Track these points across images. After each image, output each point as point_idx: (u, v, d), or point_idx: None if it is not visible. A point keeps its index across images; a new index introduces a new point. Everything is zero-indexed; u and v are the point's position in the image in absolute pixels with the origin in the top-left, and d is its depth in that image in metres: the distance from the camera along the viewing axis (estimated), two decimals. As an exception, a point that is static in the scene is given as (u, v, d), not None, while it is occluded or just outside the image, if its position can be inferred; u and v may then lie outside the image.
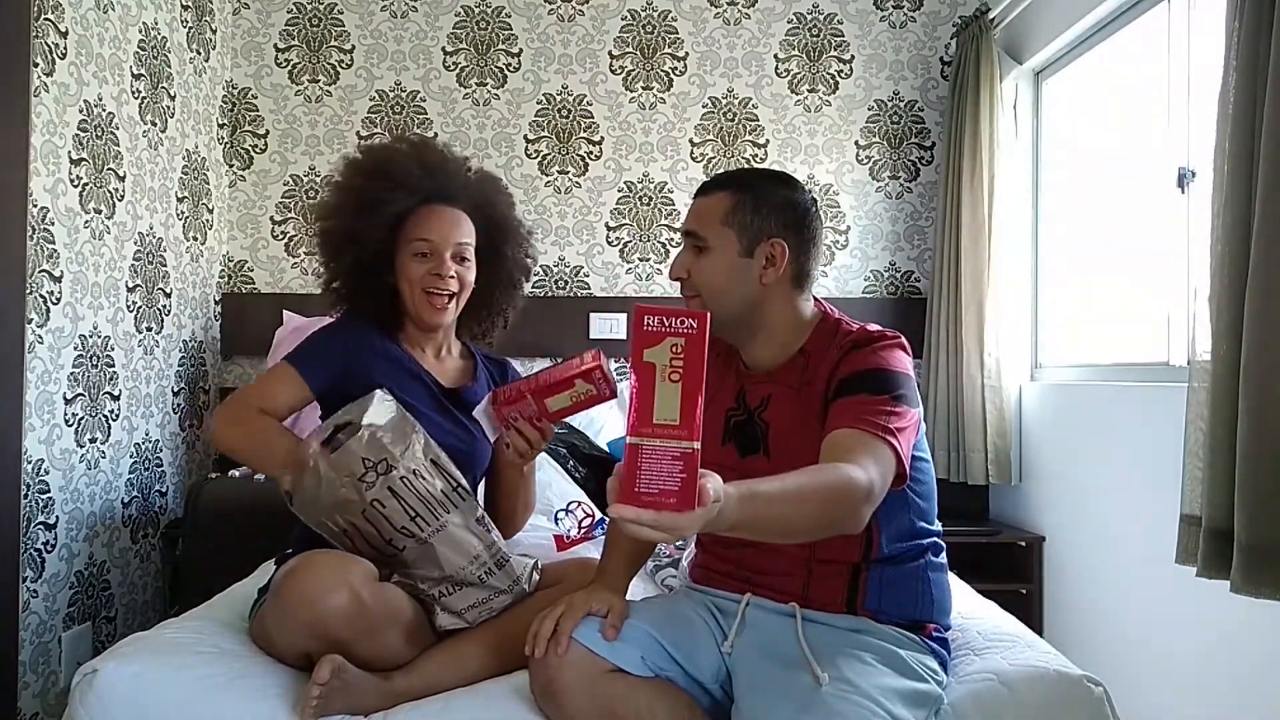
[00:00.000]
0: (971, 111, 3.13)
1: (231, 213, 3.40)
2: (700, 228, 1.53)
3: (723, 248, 1.50)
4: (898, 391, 1.40)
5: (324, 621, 1.39)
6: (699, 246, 1.53)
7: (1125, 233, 2.83)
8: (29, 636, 2.25)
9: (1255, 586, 1.71)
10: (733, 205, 1.51)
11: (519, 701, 1.43)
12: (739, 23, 3.48)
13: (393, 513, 1.51)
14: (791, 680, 1.35)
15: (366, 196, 1.78)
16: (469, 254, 1.80)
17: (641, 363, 1.00)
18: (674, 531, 1.01)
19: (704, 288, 1.52)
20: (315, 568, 1.43)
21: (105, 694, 1.38)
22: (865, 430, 1.33)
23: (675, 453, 0.99)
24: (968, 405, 3.10)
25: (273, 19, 3.41)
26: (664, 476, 0.99)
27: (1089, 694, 1.42)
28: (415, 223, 1.78)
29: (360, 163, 1.85)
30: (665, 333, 1.01)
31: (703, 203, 1.55)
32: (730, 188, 1.53)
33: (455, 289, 1.78)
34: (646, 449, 0.99)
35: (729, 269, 1.50)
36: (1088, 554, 2.74)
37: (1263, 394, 1.70)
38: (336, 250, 1.82)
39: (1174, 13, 2.48)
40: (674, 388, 1.00)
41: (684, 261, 1.55)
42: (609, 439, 3.03)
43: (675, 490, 0.99)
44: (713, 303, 1.50)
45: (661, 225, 3.47)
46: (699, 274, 1.53)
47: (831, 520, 1.24)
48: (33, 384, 2.23)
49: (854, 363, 1.45)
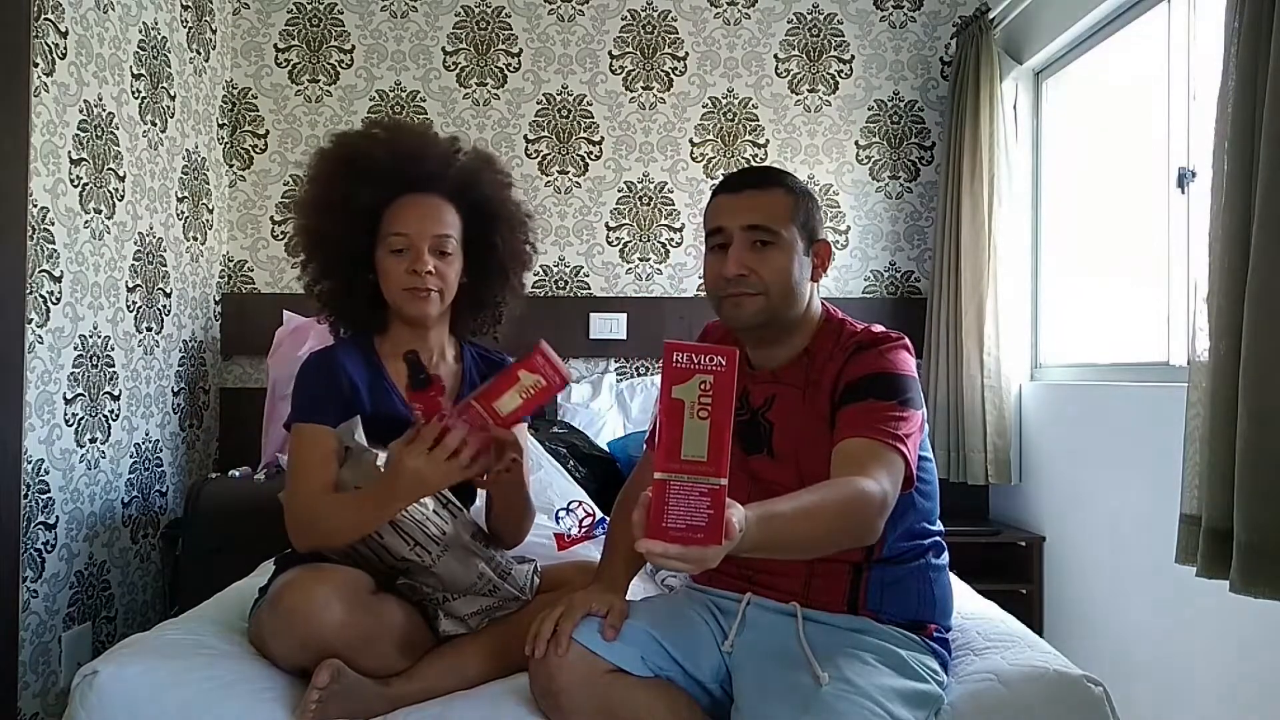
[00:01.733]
0: (971, 111, 3.13)
1: (231, 213, 3.40)
2: (771, 222, 1.47)
3: (793, 244, 1.48)
4: (904, 395, 1.41)
5: (318, 637, 1.40)
6: (765, 241, 1.47)
7: (1125, 233, 2.83)
8: (29, 636, 2.24)
9: (1255, 586, 1.71)
10: (795, 202, 1.50)
11: (519, 703, 1.43)
12: (739, 23, 3.48)
13: (392, 544, 1.51)
14: (792, 680, 1.35)
15: (331, 191, 1.65)
16: (449, 246, 1.64)
17: (670, 399, 1.02)
18: (700, 564, 1.02)
19: (775, 285, 1.47)
20: (309, 583, 1.42)
21: (105, 696, 1.38)
22: (875, 439, 1.35)
23: (703, 489, 1.00)
24: (968, 405, 3.10)
25: (273, 19, 3.41)
26: (691, 512, 1.00)
27: (1089, 694, 1.42)
28: (390, 216, 1.63)
29: (327, 153, 1.71)
30: (695, 370, 1.02)
31: (764, 197, 1.49)
32: (783, 184, 1.51)
33: (436, 285, 1.62)
34: (674, 485, 1.00)
35: (799, 267, 1.49)
36: (1088, 554, 2.74)
37: (1262, 393, 1.70)
38: (310, 251, 1.71)
39: (1174, 13, 2.48)
40: (702, 424, 1.01)
41: (745, 257, 1.47)
42: (609, 439, 3.03)
43: (702, 526, 1.00)
44: (780, 300, 1.47)
45: (661, 225, 3.46)
46: (770, 271, 1.47)
47: (847, 533, 1.27)
48: (33, 384, 2.23)
49: (860, 366, 1.44)
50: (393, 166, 1.65)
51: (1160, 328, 2.52)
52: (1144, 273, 2.67)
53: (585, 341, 3.39)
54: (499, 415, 1.44)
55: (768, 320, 1.49)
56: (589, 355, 3.43)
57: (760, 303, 1.47)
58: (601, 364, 3.45)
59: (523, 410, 1.45)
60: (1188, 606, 2.22)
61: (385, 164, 1.65)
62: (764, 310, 1.48)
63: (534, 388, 1.42)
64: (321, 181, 1.69)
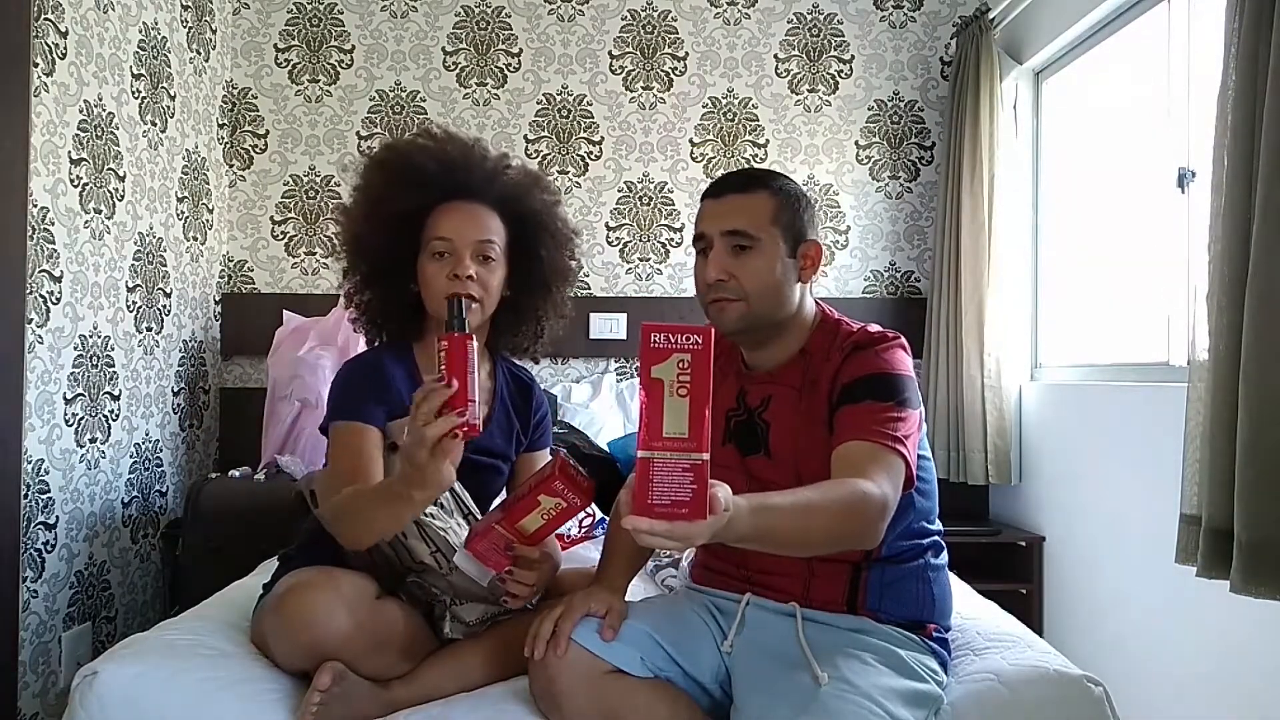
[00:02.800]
0: (971, 111, 3.13)
1: (231, 213, 3.40)
2: (750, 226, 1.47)
3: (773, 247, 1.47)
4: (901, 396, 1.41)
5: (322, 644, 1.40)
6: (744, 246, 1.47)
7: (1125, 233, 2.83)
8: (29, 636, 2.25)
9: (1255, 586, 1.71)
10: (778, 205, 1.49)
11: (518, 704, 1.43)
12: (739, 23, 3.48)
13: (414, 546, 1.50)
14: (791, 680, 1.35)
15: (374, 195, 1.65)
16: (493, 253, 1.61)
17: (650, 379, 1.04)
18: (687, 540, 1.04)
19: (754, 289, 1.46)
20: (314, 590, 1.42)
21: (105, 696, 1.38)
22: (875, 442, 1.35)
23: (685, 465, 1.02)
24: (968, 405, 3.10)
25: (273, 19, 3.41)
26: (675, 488, 1.02)
27: (1089, 694, 1.42)
28: (433, 221, 1.62)
29: (374, 160, 1.71)
30: (672, 349, 1.04)
31: (743, 201, 1.49)
32: (768, 186, 1.50)
33: (477, 292, 1.58)
34: (657, 462, 1.02)
35: (781, 269, 1.48)
36: (1088, 554, 2.74)
37: (1262, 393, 1.70)
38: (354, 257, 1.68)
39: (1174, 13, 2.48)
40: (682, 402, 1.03)
41: (724, 263, 1.47)
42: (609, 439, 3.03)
43: (687, 501, 1.02)
44: (760, 304, 1.47)
45: (661, 225, 3.46)
46: (748, 275, 1.46)
47: (847, 534, 1.27)
48: (33, 384, 2.23)
49: (857, 366, 1.44)
50: (439, 173, 1.64)
51: (1160, 328, 2.52)
52: (1144, 273, 2.67)
53: (585, 341, 3.39)
54: (524, 535, 1.40)
55: (751, 325, 1.49)
56: (589, 355, 3.43)
57: (741, 308, 1.47)
58: (601, 364, 3.45)
59: (547, 530, 1.40)
60: (1188, 606, 2.22)
61: (432, 170, 1.64)
62: (745, 315, 1.48)
63: (555, 509, 1.38)
64: (367, 188, 1.67)
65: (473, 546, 1.42)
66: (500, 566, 1.43)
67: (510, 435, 1.73)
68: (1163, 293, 2.51)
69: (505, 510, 1.41)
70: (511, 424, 1.74)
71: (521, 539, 1.41)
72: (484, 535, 1.41)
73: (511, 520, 1.39)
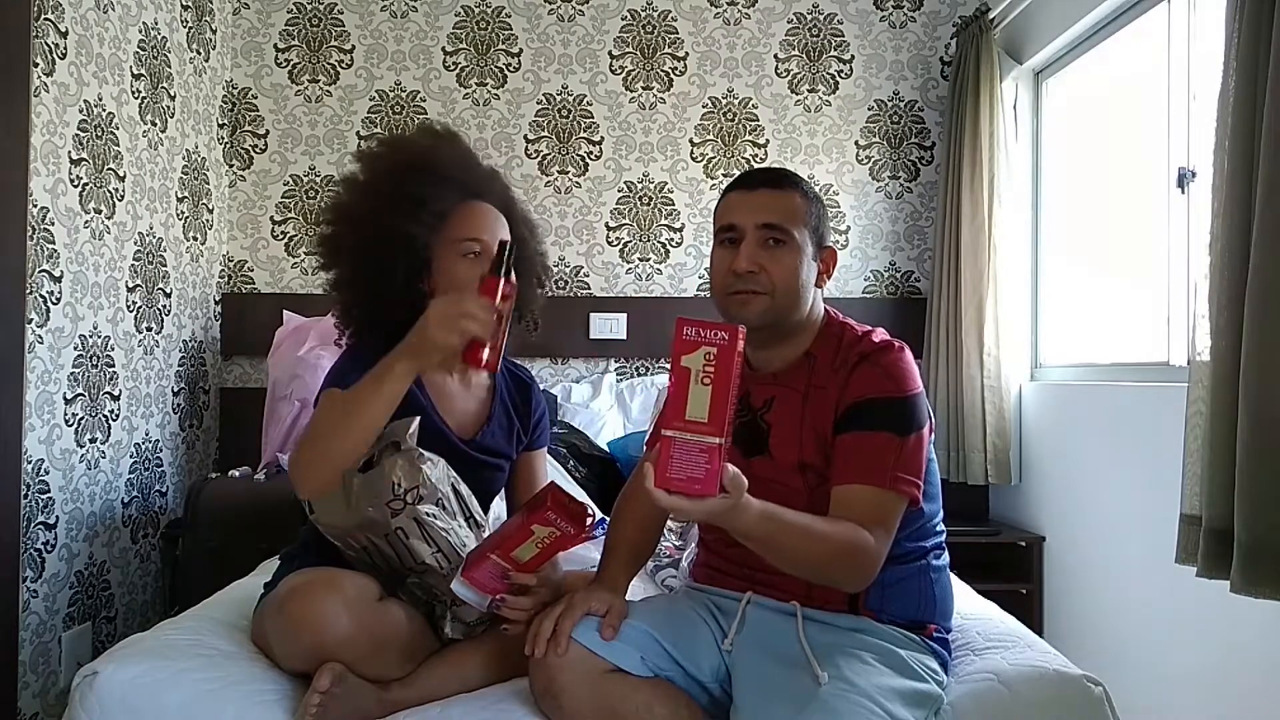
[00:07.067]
0: (971, 111, 3.13)
1: (231, 213, 3.40)
2: (785, 221, 1.46)
3: (803, 247, 1.48)
4: (910, 424, 1.42)
5: (324, 646, 1.39)
6: (779, 240, 1.46)
7: (1125, 233, 2.83)
8: (29, 636, 2.25)
9: (1255, 586, 1.71)
10: (807, 206, 1.49)
11: (518, 704, 1.43)
12: (739, 23, 3.48)
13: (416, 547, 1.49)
14: (791, 679, 1.35)
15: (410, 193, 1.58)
16: None
17: (679, 366, 1.15)
18: (702, 512, 1.17)
19: (782, 285, 1.46)
20: (317, 591, 1.42)
21: (105, 697, 1.38)
22: (879, 486, 1.38)
23: (703, 446, 1.14)
24: (968, 405, 3.10)
25: (273, 19, 3.41)
26: (691, 465, 1.14)
27: (1089, 694, 1.42)
28: (458, 221, 1.59)
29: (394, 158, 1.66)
30: (701, 342, 1.15)
31: (779, 196, 1.48)
32: (798, 187, 1.51)
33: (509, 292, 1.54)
34: (678, 441, 1.14)
35: (806, 270, 1.49)
36: (1088, 554, 2.74)
37: (1262, 393, 1.70)
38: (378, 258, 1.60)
39: (1174, 13, 2.48)
40: (705, 390, 1.14)
41: (757, 255, 1.45)
42: (609, 439, 3.03)
43: (700, 478, 1.14)
44: (784, 301, 1.47)
45: (661, 225, 3.46)
46: (779, 270, 1.45)
47: (838, 572, 1.36)
48: (33, 384, 2.23)
49: (864, 384, 1.44)
50: (462, 169, 1.64)
51: (1160, 328, 2.52)
52: (1144, 273, 2.67)
53: (585, 341, 3.39)
54: (519, 563, 1.42)
55: (772, 321, 1.48)
56: (589, 355, 3.43)
57: (765, 303, 1.46)
58: (601, 364, 3.45)
59: (542, 558, 1.42)
60: (1188, 607, 2.22)
61: (457, 166, 1.63)
62: (769, 311, 1.47)
63: (549, 538, 1.39)
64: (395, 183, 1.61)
65: (469, 575, 1.42)
66: (497, 593, 1.44)
67: (510, 434, 1.73)
68: (1163, 293, 2.51)
69: (500, 540, 1.42)
70: (512, 423, 1.74)
71: (517, 567, 1.42)
72: (480, 564, 1.41)
73: (506, 550, 1.41)
